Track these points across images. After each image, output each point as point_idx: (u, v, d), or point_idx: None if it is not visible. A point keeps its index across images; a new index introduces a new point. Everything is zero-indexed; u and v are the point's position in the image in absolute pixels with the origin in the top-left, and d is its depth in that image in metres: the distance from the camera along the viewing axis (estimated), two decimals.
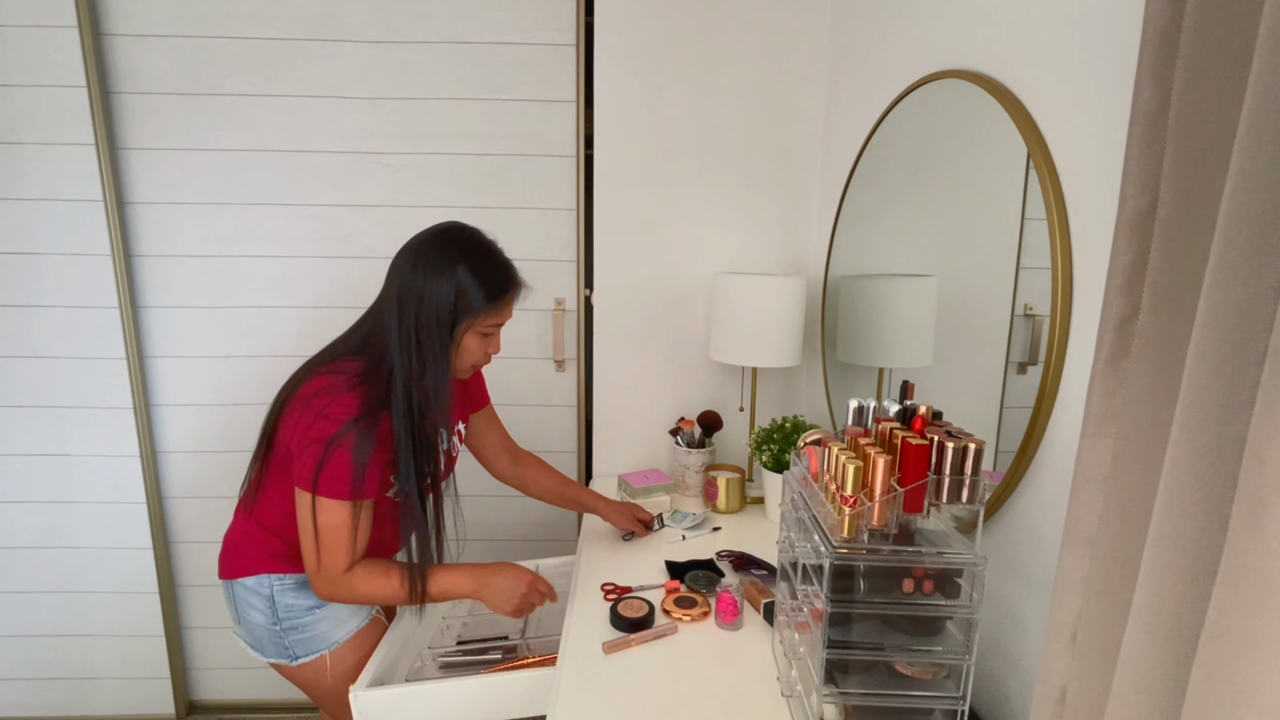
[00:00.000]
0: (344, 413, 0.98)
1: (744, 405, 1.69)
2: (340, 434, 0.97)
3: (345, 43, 1.62)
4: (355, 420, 0.98)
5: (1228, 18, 0.42)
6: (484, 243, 1.08)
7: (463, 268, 1.02)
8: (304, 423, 0.99)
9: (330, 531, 0.99)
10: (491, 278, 1.04)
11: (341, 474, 0.97)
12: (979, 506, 0.72)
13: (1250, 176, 0.37)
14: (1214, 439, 0.40)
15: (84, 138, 1.60)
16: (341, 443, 0.97)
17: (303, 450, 0.98)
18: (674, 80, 1.57)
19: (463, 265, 1.02)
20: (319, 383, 1.01)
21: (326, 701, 1.17)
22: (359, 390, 1.00)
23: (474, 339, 1.06)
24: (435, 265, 1.01)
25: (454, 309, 1.01)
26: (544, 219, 1.72)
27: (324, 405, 0.98)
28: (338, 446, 0.97)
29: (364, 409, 0.99)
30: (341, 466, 0.97)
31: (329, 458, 0.97)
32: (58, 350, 1.71)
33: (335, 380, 1.00)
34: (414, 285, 1.01)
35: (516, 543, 1.89)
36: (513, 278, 1.08)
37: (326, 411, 0.98)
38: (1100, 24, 0.75)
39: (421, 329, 1.01)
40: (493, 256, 1.07)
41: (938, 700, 0.75)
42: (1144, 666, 0.45)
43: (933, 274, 1.10)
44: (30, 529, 1.80)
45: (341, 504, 0.99)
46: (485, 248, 1.07)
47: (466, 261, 1.02)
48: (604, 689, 0.90)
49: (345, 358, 1.04)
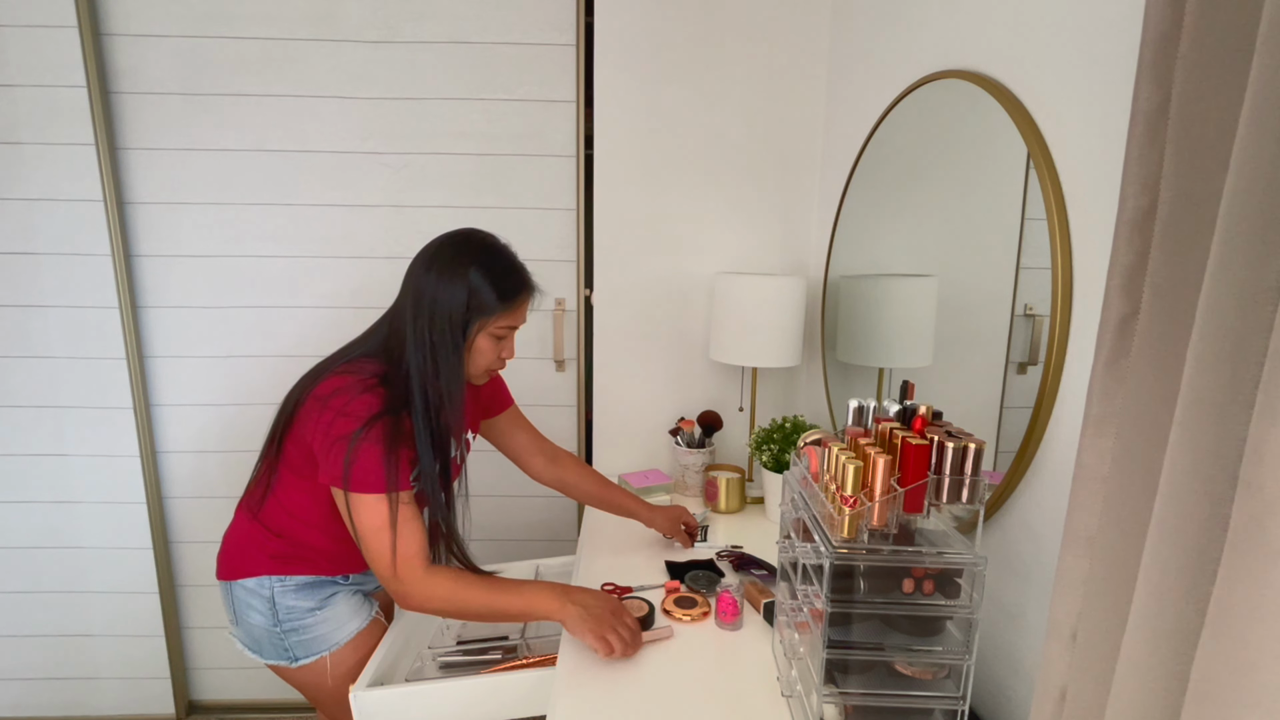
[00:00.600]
0: (365, 410, 0.97)
1: (744, 405, 1.69)
2: (362, 429, 0.96)
3: (345, 43, 1.62)
4: (376, 417, 0.98)
5: (1228, 18, 0.42)
6: (498, 246, 1.08)
7: (475, 269, 1.02)
8: (324, 421, 0.98)
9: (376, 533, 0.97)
10: (504, 279, 1.05)
11: (372, 467, 0.97)
12: (979, 506, 0.72)
13: (1250, 176, 0.37)
14: (1214, 439, 0.40)
15: (84, 138, 1.60)
16: (366, 437, 0.96)
17: (328, 451, 0.98)
18: (674, 80, 1.57)
19: (475, 267, 1.03)
20: (335, 382, 1.00)
21: (325, 703, 1.17)
22: (378, 390, 1.00)
23: (486, 341, 1.06)
24: (449, 267, 1.02)
25: (466, 309, 1.02)
26: (544, 219, 1.72)
27: (344, 404, 0.98)
28: (362, 441, 0.96)
29: (384, 407, 0.99)
30: (370, 460, 0.97)
31: (356, 453, 0.96)
32: (57, 350, 1.71)
33: (352, 380, 1.00)
34: (428, 287, 1.02)
35: (516, 543, 1.89)
36: (525, 280, 1.09)
37: (347, 409, 0.97)
38: (1100, 24, 0.75)
39: (435, 330, 1.01)
40: (506, 259, 1.07)
41: (938, 700, 0.75)
42: (1144, 666, 0.45)
43: (933, 274, 1.10)
44: (30, 529, 1.80)
45: (378, 498, 0.97)
46: (499, 251, 1.07)
47: (479, 263, 1.03)
48: (604, 689, 0.90)
49: (362, 359, 1.05)
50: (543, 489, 1.86)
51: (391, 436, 0.98)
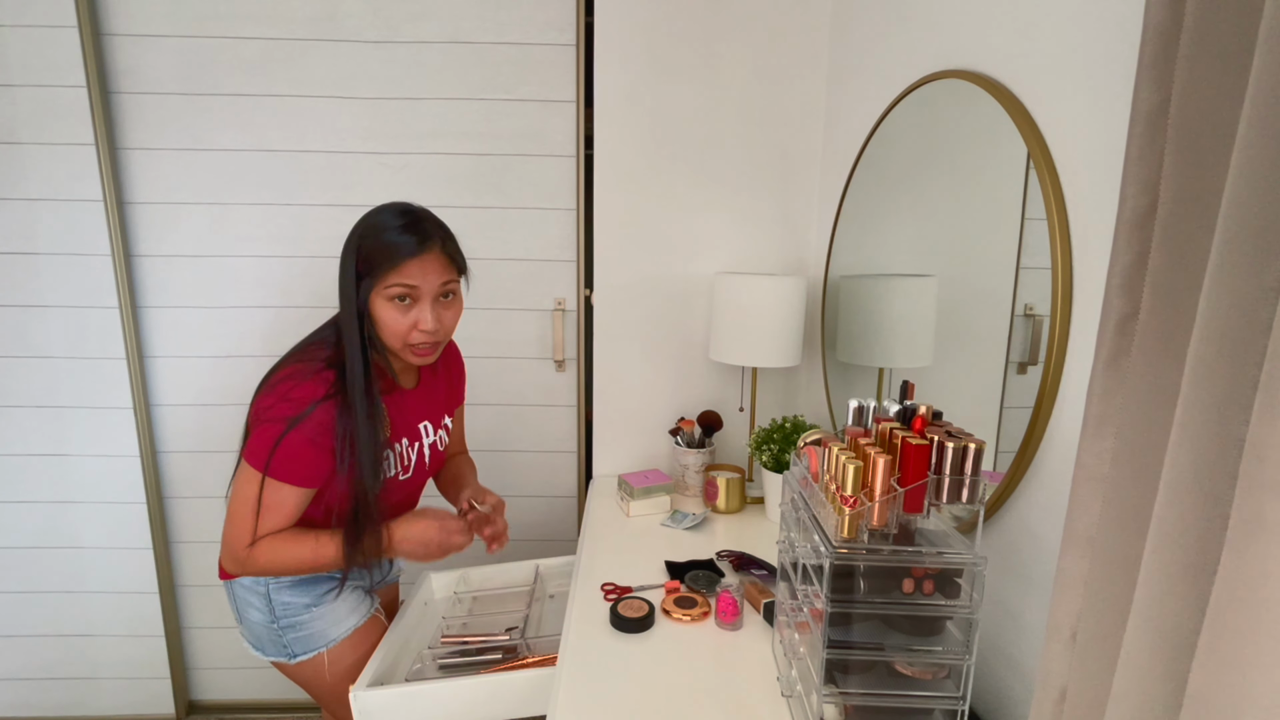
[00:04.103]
0: (307, 396, 1.00)
1: (744, 405, 1.69)
2: (300, 417, 0.98)
3: (345, 43, 1.62)
4: (318, 402, 1.00)
5: (1228, 18, 0.42)
6: (389, 207, 1.06)
7: (357, 233, 1.04)
8: (266, 402, 1.01)
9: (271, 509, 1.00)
10: (381, 236, 1.03)
11: (295, 457, 0.99)
12: (979, 506, 0.72)
13: (1250, 176, 0.37)
14: (1214, 439, 0.40)
15: (84, 138, 1.60)
16: (301, 426, 0.98)
17: (258, 425, 1.00)
18: (674, 80, 1.57)
19: (358, 231, 1.05)
20: (289, 369, 1.03)
21: (327, 700, 1.17)
22: (324, 374, 1.02)
23: (385, 308, 1.03)
24: (346, 241, 1.05)
25: (356, 276, 1.03)
26: (544, 219, 1.72)
27: (289, 389, 1.00)
28: (296, 429, 0.98)
29: (327, 393, 1.01)
30: (296, 449, 0.99)
31: (285, 439, 0.98)
32: (57, 350, 1.71)
33: (301, 366, 1.03)
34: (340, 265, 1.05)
35: (516, 543, 1.89)
36: (413, 232, 1.02)
37: (291, 394, 1.00)
38: (1100, 24, 0.75)
39: (343, 302, 1.04)
40: (389, 218, 1.04)
41: (938, 700, 0.75)
42: (1144, 666, 0.45)
43: (933, 274, 1.10)
44: (30, 529, 1.80)
45: (290, 488, 1.01)
46: (386, 210, 1.06)
47: (362, 227, 1.05)
48: (604, 689, 0.90)
49: (316, 345, 1.07)
50: (542, 489, 1.87)
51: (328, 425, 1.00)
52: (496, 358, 1.79)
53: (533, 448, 1.85)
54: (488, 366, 1.79)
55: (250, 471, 1.00)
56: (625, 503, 1.49)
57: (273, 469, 0.99)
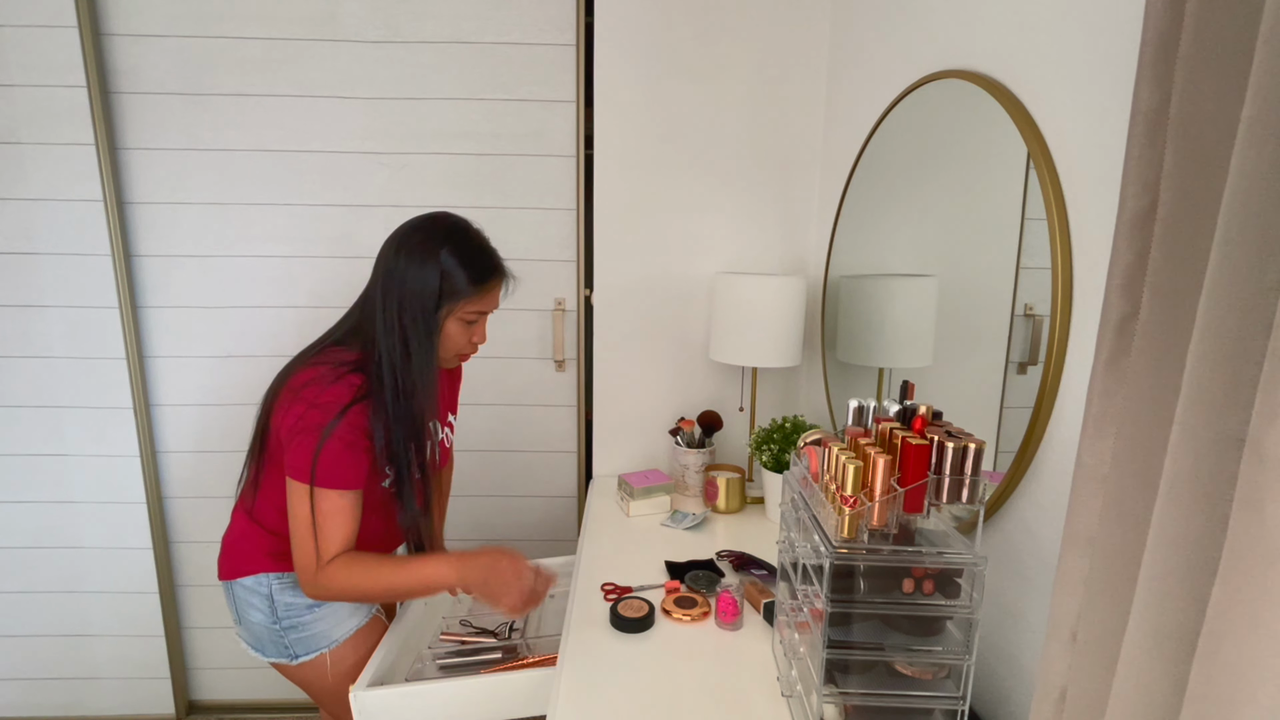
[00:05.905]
0: (335, 401, 0.98)
1: (744, 405, 1.69)
2: (333, 422, 0.97)
3: (345, 43, 1.62)
4: (346, 408, 0.98)
5: (1228, 18, 0.42)
6: (469, 229, 1.08)
7: (445, 251, 1.03)
8: (295, 412, 0.99)
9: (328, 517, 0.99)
10: (475, 262, 1.05)
11: (336, 462, 0.98)
12: (979, 506, 0.72)
13: (1250, 176, 0.37)
14: (1214, 439, 0.40)
15: (84, 138, 1.60)
16: (335, 432, 0.97)
17: (294, 439, 0.98)
18: (674, 80, 1.57)
19: (446, 249, 1.03)
20: (308, 373, 1.01)
21: (327, 701, 1.17)
22: (349, 379, 1.00)
23: (457, 325, 1.06)
24: (419, 250, 1.02)
25: (438, 293, 1.02)
26: (544, 219, 1.72)
27: (315, 395, 0.99)
28: (331, 436, 0.97)
29: (355, 397, 0.99)
30: (335, 455, 0.98)
31: (323, 447, 0.97)
32: (57, 350, 1.71)
33: (324, 370, 1.01)
34: (397, 271, 1.02)
35: (516, 543, 1.89)
36: (497, 264, 1.09)
37: (318, 400, 0.98)
38: (1100, 24, 0.75)
39: (405, 314, 1.01)
40: (477, 242, 1.07)
41: (938, 700, 0.75)
42: (1144, 666, 0.45)
43: (933, 274, 1.10)
44: (30, 529, 1.80)
45: (339, 493, 0.99)
46: (470, 233, 1.07)
47: (450, 245, 1.03)
48: (604, 689, 0.90)
49: (333, 348, 1.05)
50: (542, 489, 1.87)
51: (361, 427, 0.99)
52: (496, 358, 1.79)
53: (533, 448, 1.85)
54: (488, 366, 1.79)
55: (299, 488, 0.98)
56: (625, 503, 1.49)
57: (319, 478, 0.97)
